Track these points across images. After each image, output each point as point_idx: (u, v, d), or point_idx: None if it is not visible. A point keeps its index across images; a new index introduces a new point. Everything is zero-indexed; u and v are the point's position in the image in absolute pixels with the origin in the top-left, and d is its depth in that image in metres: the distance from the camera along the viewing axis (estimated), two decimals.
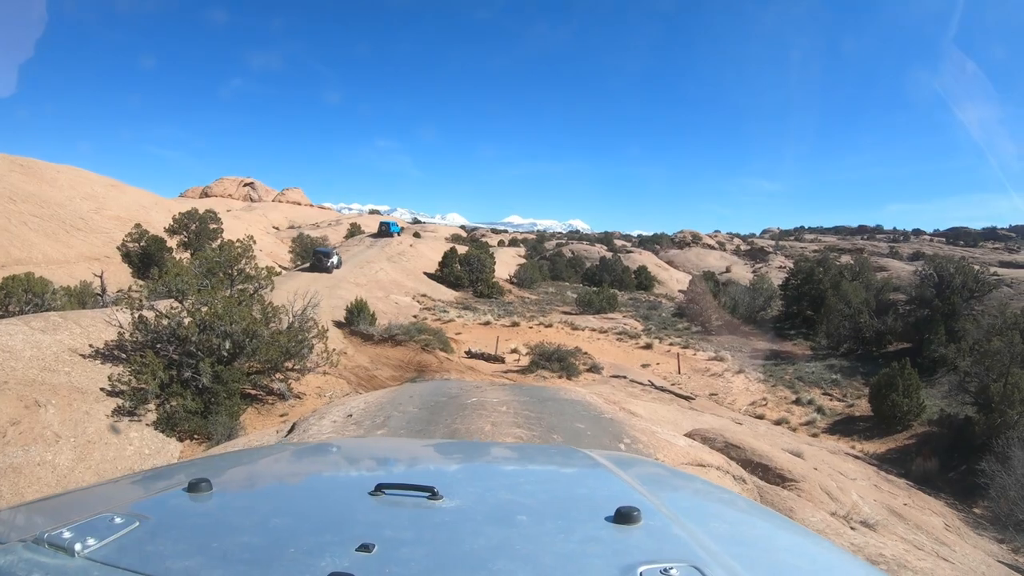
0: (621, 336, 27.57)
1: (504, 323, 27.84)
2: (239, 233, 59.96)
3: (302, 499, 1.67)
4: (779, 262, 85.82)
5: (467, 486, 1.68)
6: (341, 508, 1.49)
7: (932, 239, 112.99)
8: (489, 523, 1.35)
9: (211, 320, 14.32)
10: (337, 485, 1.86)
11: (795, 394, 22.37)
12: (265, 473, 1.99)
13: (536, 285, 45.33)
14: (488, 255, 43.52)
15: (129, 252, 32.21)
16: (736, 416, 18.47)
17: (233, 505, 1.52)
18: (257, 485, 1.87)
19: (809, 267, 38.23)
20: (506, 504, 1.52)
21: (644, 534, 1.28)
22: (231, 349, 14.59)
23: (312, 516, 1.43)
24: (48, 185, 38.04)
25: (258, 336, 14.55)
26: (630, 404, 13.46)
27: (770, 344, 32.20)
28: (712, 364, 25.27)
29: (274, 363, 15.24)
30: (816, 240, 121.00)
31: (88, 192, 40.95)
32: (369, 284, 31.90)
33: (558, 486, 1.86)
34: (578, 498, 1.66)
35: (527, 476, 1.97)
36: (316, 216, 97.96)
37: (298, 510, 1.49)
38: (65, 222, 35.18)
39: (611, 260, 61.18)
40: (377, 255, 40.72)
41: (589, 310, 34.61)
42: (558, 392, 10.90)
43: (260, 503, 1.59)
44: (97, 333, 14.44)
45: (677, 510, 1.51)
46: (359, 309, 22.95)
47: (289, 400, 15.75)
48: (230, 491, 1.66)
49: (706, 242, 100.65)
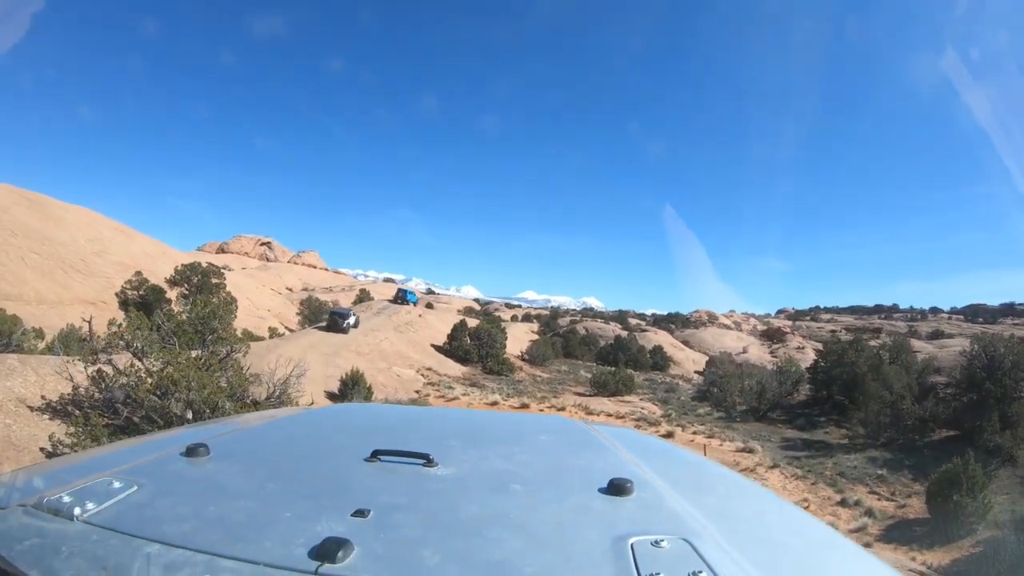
0: (639, 423, 24.84)
1: (513, 403, 25.26)
2: (252, 291, 58.94)
3: (299, 464, 1.58)
4: (797, 342, 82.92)
5: (462, 454, 1.66)
6: (337, 474, 1.46)
7: (950, 317, 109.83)
8: (483, 491, 1.34)
9: (168, 384, 12.13)
10: (334, 451, 1.77)
11: (839, 493, 19.38)
12: (263, 438, 1.93)
13: (549, 362, 42.80)
14: (499, 330, 41.32)
15: (127, 299, 30.57)
16: None
17: (230, 470, 1.48)
18: (254, 450, 1.76)
19: (840, 348, 35.49)
20: (500, 473, 1.50)
21: (636, 505, 1.27)
22: (193, 420, 12.36)
23: (308, 481, 1.40)
24: (54, 222, 36.97)
25: (219, 408, 12.26)
26: None
27: (800, 433, 29.17)
28: (741, 457, 22.38)
29: None
30: (832, 320, 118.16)
31: (94, 234, 39.89)
32: (371, 354, 29.62)
33: (552, 456, 1.81)
34: (572, 468, 1.64)
35: (522, 445, 1.89)
36: (330, 280, 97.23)
37: (295, 475, 1.45)
38: (65, 262, 33.77)
39: (626, 339, 58.70)
40: (384, 323, 38.60)
41: (604, 391, 31.96)
42: None
43: (257, 468, 1.52)
44: (54, 383, 12.59)
45: (669, 483, 1.48)
46: (354, 381, 20.64)
47: None
48: (228, 456, 1.57)
49: (722, 322, 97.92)
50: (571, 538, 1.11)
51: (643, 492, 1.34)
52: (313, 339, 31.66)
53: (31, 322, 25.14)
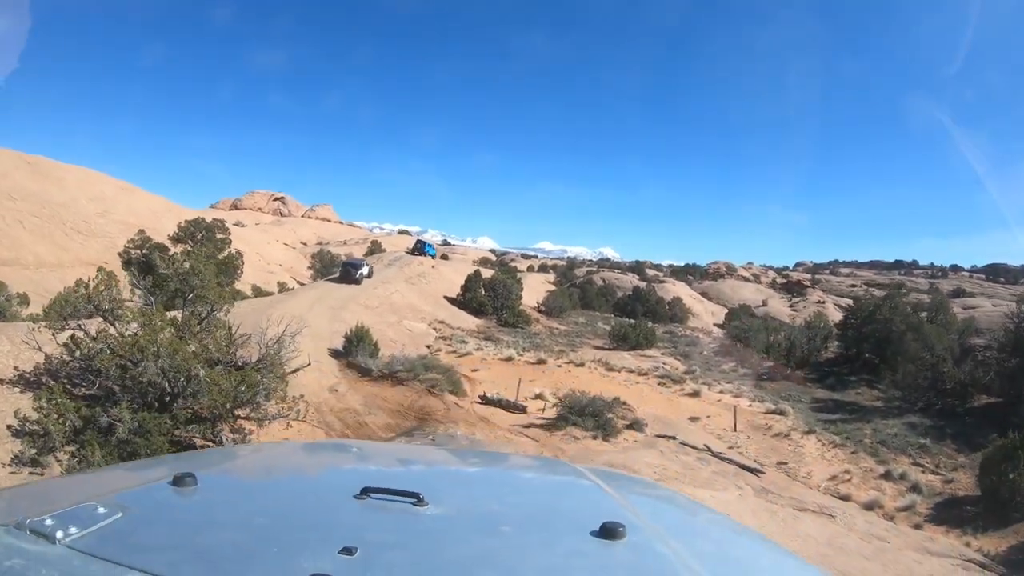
0: (663, 380, 23.09)
1: (529, 359, 23.59)
2: (263, 246, 57.63)
3: (287, 499, 1.58)
4: (817, 296, 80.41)
5: (453, 494, 1.65)
6: (326, 510, 1.45)
7: (971, 276, 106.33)
8: (473, 532, 1.34)
9: (132, 351, 10.54)
10: (323, 486, 1.77)
11: (881, 464, 17.63)
12: (251, 470, 1.90)
13: (566, 314, 41.03)
14: (515, 280, 39.46)
15: (131, 259, 28.85)
16: (824, 502, 13.88)
17: (217, 501, 1.47)
18: (243, 482, 1.78)
19: (872, 305, 33.33)
20: (491, 514, 1.50)
21: (628, 550, 1.24)
22: (171, 390, 10.83)
23: (296, 516, 1.39)
24: (53, 184, 35.85)
25: (193, 377, 10.64)
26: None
27: (831, 393, 27.39)
28: (772, 420, 20.65)
29: (220, 411, 11.29)
30: (852, 274, 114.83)
31: (96, 194, 38.71)
32: (381, 307, 27.96)
33: (544, 498, 1.82)
34: (563, 511, 1.63)
35: (513, 486, 1.91)
36: (345, 233, 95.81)
37: (282, 510, 1.44)
38: (65, 223, 32.48)
39: (644, 290, 56.71)
40: (395, 275, 36.82)
41: (624, 345, 30.18)
42: None
43: (245, 500, 1.54)
44: (30, 353, 11.27)
45: (662, 527, 1.45)
46: (359, 337, 18.97)
47: None
48: (215, 487, 1.56)
49: (741, 274, 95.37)
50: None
51: (636, 536, 1.29)
52: (320, 292, 30.05)
53: (29, 287, 23.93)
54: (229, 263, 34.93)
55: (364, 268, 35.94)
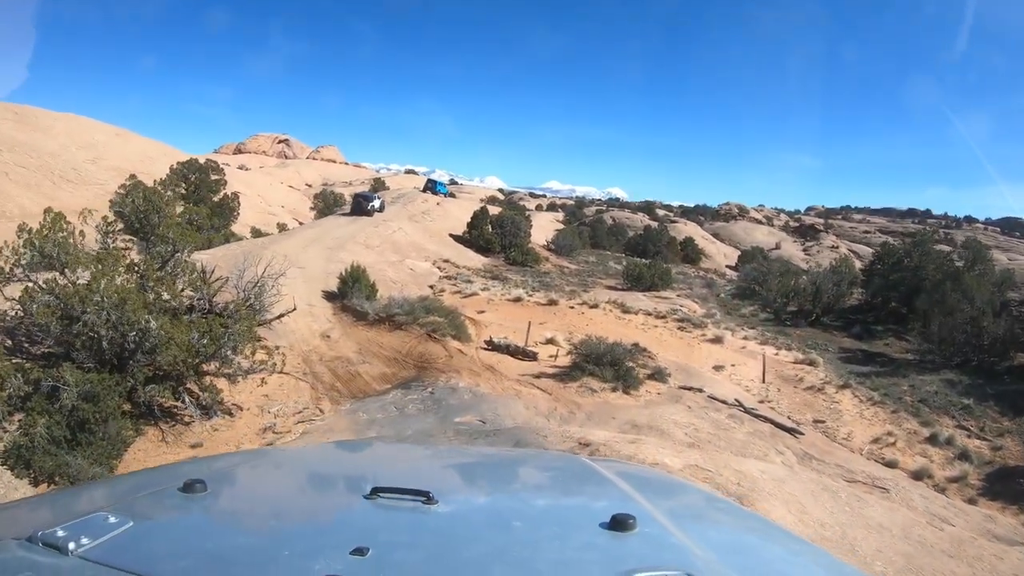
0: (683, 324, 21.05)
1: (539, 300, 21.54)
2: (264, 188, 55.23)
3: (297, 502, 1.58)
4: (831, 241, 77.62)
5: (463, 491, 1.65)
6: (336, 511, 1.46)
7: (986, 228, 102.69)
8: (484, 529, 1.32)
9: (72, 302, 8.55)
10: (332, 488, 1.76)
11: (925, 427, 15.67)
12: (260, 475, 1.85)
13: (576, 253, 38.74)
14: (523, 217, 37.09)
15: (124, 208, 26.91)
16: (872, 471, 11.99)
17: (228, 506, 1.47)
18: (252, 487, 1.73)
19: (901, 250, 30.93)
20: (502, 510, 1.48)
21: (640, 541, 1.22)
22: (128, 346, 8.93)
23: (307, 518, 1.40)
24: (41, 133, 34.26)
25: (145, 329, 8.65)
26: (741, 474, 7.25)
27: (857, 343, 25.34)
28: (802, 370, 18.70)
29: (181, 368, 9.36)
30: (865, 220, 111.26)
31: (87, 141, 36.83)
32: (382, 246, 25.77)
33: (554, 492, 1.78)
34: (574, 505, 1.61)
35: (523, 482, 1.90)
36: (351, 174, 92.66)
37: (293, 513, 1.44)
38: (53, 172, 30.67)
39: (656, 230, 54.13)
40: (397, 213, 34.42)
41: (638, 286, 28.09)
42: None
43: (255, 505, 1.52)
44: None
45: (673, 518, 1.41)
46: (355, 278, 16.92)
47: (214, 419, 9.86)
48: (225, 492, 1.54)
49: (753, 216, 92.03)
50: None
51: (646, 527, 1.26)
52: (318, 232, 27.95)
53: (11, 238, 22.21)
54: (224, 205, 32.89)
55: (376, 201, 35.51)
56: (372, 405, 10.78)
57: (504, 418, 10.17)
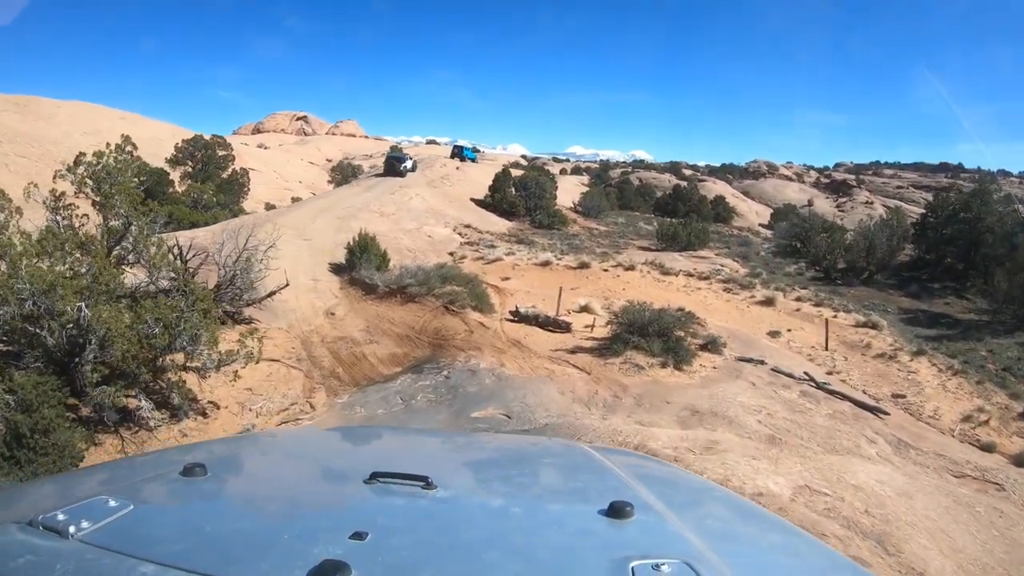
0: (729, 285, 18.60)
1: (569, 263, 19.23)
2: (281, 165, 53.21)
3: (296, 486, 1.49)
4: (864, 197, 73.21)
5: (461, 477, 1.60)
6: (335, 496, 1.39)
7: (1021, 181, 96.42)
8: (483, 514, 1.28)
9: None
10: (332, 472, 1.66)
11: (1015, 399, 13.13)
12: (260, 459, 1.79)
13: (604, 215, 36.11)
14: (548, 178, 34.52)
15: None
16: (977, 460, 9.62)
17: (227, 490, 1.41)
18: (252, 471, 1.67)
19: (957, 202, 27.76)
20: (500, 495, 1.42)
21: (637, 529, 1.18)
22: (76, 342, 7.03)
23: (306, 503, 1.33)
24: (44, 122, 33.31)
25: (79, 320, 6.65)
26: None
27: (916, 302, 22.60)
28: (866, 335, 16.18)
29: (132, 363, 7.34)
30: (896, 176, 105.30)
31: (92, 127, 35.14)
32: (398, 213, 23.55)
33: (552, 479, 1.69)
34: (572, 491, 1.56)
35: (522, 468, 1.79)
36: (371, 148, 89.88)
37: (292, 497, 1.37)
38: (55, 160, 29.10)
39: (686, 188, 50.93)
40: (415, 179, 31.99)
41: (673, 246, 25.59)
42: None
43: (254, 489, 1.48)
44: None
45: (671, 506, 1.35)
46: (363, 246, 14.82)
47: (184, 421, 7.87)
48: (225, 476, 1.47)
49: (782, 173, 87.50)
50: (571, 562, 1.05)
51: (644, 515, 1.23)
52: (330, 201, 25.88)
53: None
54: (234, 181, 31.09)
55: (408, 162, 34.42)
56: (374, 396, 8.73)
57: (534, 409, 8.04)
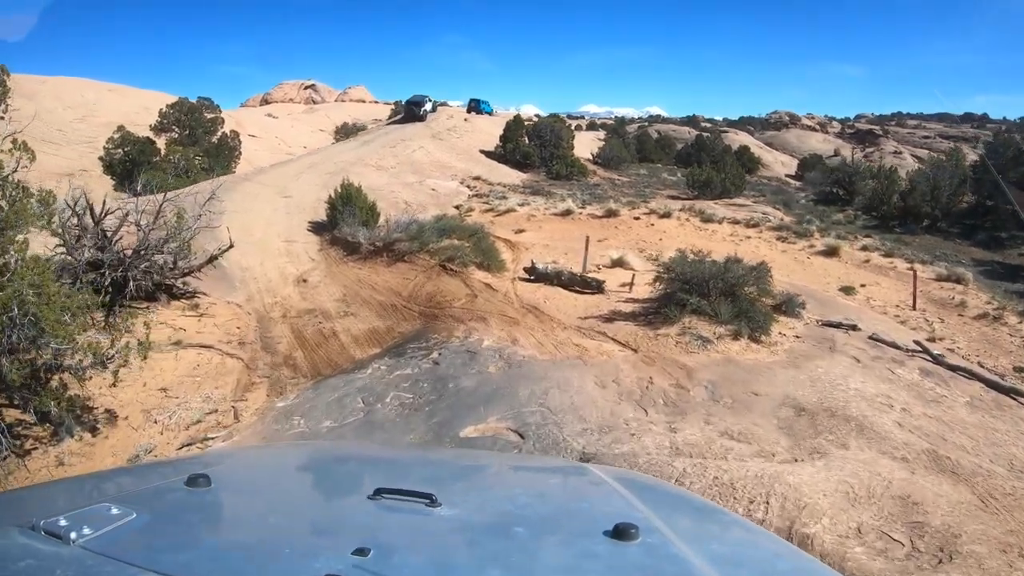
0: (782, 234, 15.42)
1: (594, 211, 16.19)
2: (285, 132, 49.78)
3: (300, 500, 1.47)
4: (892, 147, 68.22)
5: (466, 495, 1.55)
6: (339, 510, 1.37)
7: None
8: (486, 533, 1.24)
9: None
10: (336, 487, 1.62)
11: None
12: (264, 472, 1.74)
13: (625, 166, 32.65)
14: (565, 127, 31.02)
15: (113, 161, 22.40)
16: None
17: (231, 502, 1.37)
18: (256, 483, 1.61)
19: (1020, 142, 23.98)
20: (504, 515, 1.36)
21: (642, 551, 1.15)
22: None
23: (309, 517, 1.32)
24: (25, 99, 29.99)
25: None
26: None
27: (988, 253, 19.19)
28: (952, 290, 13.05)
29: None
30: (920, 126, 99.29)
31: (76, 100, 33.39)
32: (399, 167, 20.48)
33: (557, 499, 1.67)
34: (576, 512, 1.49)
35: (527, 488, 1.73)
36: (381, 112, 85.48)
37: (296, 510, 1.35)
38: (33, 137, 26.20)
39: (709, 139, 46.87)
40: (419, 132, 28.66)
41: (706, 194, 22.27)
42: None
43: (258, 501, 1.40)
44: None
45: (676, 529, 1.30)
46: (345, 199, 11.99)
47: (66, 440, 4.96)
48: (229, 488, 1.43)
49: (805, 123, 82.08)
50: None
51: (649, 537, 1.19)
52: (318, 157, 22.97)
53: None
54: (223, 145, 28.21)
55: (427, 104, 34.10)
56: (327, 397, 5.84)
57: (562, 417, 5.11)
